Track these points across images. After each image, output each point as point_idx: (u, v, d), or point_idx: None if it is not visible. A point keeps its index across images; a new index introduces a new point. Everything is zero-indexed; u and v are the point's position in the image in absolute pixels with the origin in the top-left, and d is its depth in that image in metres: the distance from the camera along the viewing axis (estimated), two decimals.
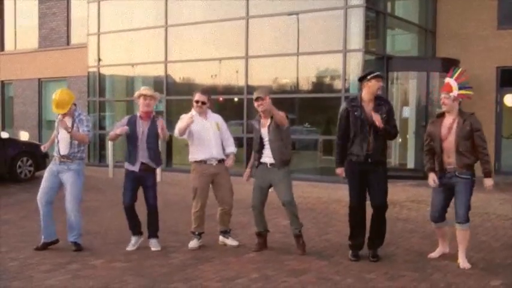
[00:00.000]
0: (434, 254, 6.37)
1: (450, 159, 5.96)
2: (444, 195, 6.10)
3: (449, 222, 6.30)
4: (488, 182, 5.92)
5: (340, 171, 6.33)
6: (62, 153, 6.54)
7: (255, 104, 6.44)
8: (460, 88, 5.96)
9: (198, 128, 6.69)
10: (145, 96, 6.57)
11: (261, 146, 6.59)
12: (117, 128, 6.62)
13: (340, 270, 5.82)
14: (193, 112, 6.81)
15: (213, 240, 7.04)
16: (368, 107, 6.13)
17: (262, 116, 6.58)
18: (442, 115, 6.09)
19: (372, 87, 6.13)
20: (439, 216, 6.19)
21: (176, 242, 7.01)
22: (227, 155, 6.90)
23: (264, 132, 6.56)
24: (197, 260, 6.17)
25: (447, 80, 6.05)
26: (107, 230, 7.70)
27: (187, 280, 5.43)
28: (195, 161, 6.77)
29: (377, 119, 5.99)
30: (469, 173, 5.91)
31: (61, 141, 6.57)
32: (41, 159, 13.68)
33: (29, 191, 11.64)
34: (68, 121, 6.48)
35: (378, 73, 6.19)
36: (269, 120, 6.51)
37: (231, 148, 6.94)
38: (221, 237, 7.00)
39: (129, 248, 6.67)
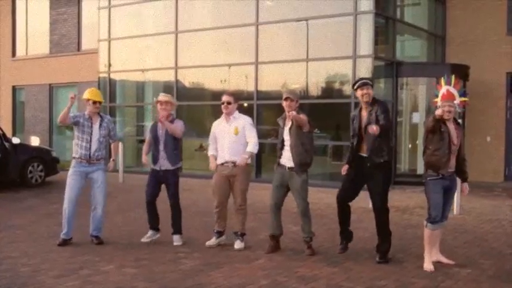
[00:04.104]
0: (430, 266, 6.11)
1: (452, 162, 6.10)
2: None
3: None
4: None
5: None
6: (93, 156, 7.23)
7: (284, 103, 6.64)
8: (459, 95, 6.07)
9: (218, 132, 7.19)
10: (161, 102, 7.22)
11: (282, 145, 6.78)
12: (144, 152, 7.48)
13: (351, 276, 5.81)
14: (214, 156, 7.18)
15: (222, 246, 7.08)
16: (365, 112, 6.42)
17: (287, 116, 6.71)
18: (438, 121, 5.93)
19: (359, 96, 6.48)
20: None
21: (187, 248, 7.03)
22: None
23: (286, 133, 6.72)
24: (207, 266, 6.18)
25: (447, 88, 6.04)
26: (117, 236, 7.72)
27: (198, 286, 5.45)
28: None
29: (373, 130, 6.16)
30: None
31: (93, 144, 7.22)
32: (51, 165, 13.78)
33: (39, 196, 11.71)
34: (97, 120, 7.27)
35: (360, 82, 6.46)
36: (289, 123, 6.66)
37: (249, 148, 7.02)
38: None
39: (144, 239, 7.25)
